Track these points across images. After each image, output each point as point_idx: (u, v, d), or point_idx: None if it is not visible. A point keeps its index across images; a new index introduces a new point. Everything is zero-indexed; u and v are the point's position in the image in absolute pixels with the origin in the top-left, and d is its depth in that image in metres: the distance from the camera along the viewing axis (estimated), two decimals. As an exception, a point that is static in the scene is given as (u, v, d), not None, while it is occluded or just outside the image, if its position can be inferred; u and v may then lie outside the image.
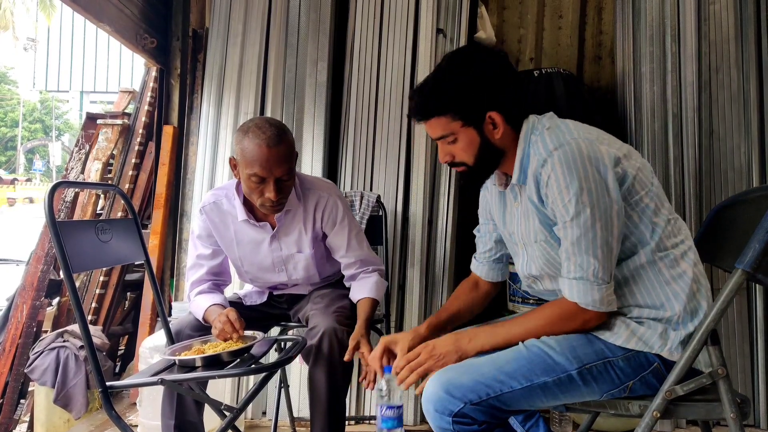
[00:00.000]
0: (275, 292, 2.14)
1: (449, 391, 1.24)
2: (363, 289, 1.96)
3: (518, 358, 1.28)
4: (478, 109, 1.34)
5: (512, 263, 1.66)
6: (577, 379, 1.27)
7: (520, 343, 1.34)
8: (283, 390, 2.39)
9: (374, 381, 1.62)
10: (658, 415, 1.26)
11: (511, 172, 1.41)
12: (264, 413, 2.73)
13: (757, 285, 2.51)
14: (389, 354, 1.48)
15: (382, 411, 1.42)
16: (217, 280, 2.04)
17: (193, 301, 1.95)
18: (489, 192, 1.60)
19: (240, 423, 2.55)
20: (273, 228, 1.96)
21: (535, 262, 1.42)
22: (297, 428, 2.53)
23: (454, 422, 1.23)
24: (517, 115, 1.38)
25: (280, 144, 1.73)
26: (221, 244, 2.01)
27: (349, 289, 2.06)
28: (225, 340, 1.72)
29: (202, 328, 1.88)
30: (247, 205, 1.94)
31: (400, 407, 1.43)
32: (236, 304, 2.05)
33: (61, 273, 2.96)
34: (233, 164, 1.84)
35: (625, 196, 1.28)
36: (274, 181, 1.75)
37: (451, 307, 1.64)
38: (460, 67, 1.35)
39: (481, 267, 1.68)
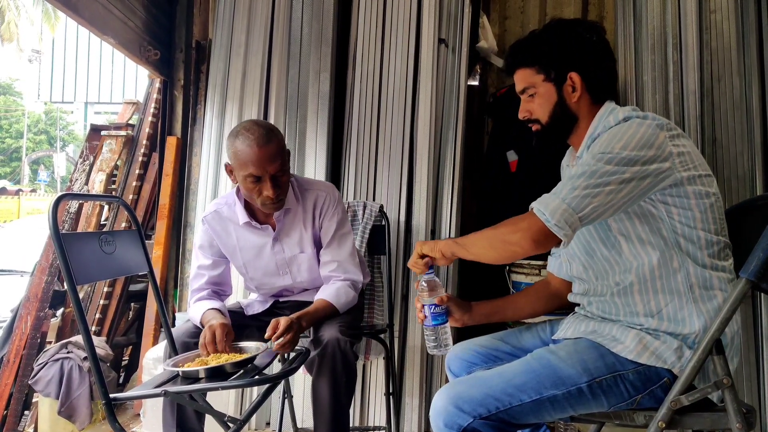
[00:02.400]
0: (281, 299, 2.14)
1: (458, 406, 1.23)
2: (324, 291, 1.95)
3: (527, 371, 1.27)
4: (561, 67, 1.40)
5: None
6: (586, 392, 1.26)
7: (529, 355, 1.33)
8: (286, 400, 2.39)
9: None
10: (664, 425, 1.25)
11: (578, 145, 1.44)
12: (268, 424, 2.73)
13: (761, 293, 2.49)
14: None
15: (432, 310, 1.44)
16: (217, 289, 2.05)
17: (191, 308, 1.98)
18: (563, 177, 1.59)
19: (244, 434, 2.54)
20: (274, 230, 1.98)
21: (575, 239, 1.42)
22: (301, 439, 2.52)
23: None
24: (599, 87, 1.42)
25: (270, 142, 1.79)
26: (225, 252, 2.03)
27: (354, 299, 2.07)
28: (204, 355, 1.72)
29: (198, 335, 1.88)
30: (248, 209, 1.97)
31: (444, 306, 1.45)
32: (237, 313, 2.05)
33: (65, 284, 2.97)
34: (229, 170, 1.88)
35: (671, 193, 1.28)
36: (269, 178, 1.80)
37: (512, 296, 1.68)
38: (557, 27, 1.43)
39: (552, 261, 1.64)
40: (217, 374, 1.59)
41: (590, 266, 1.42)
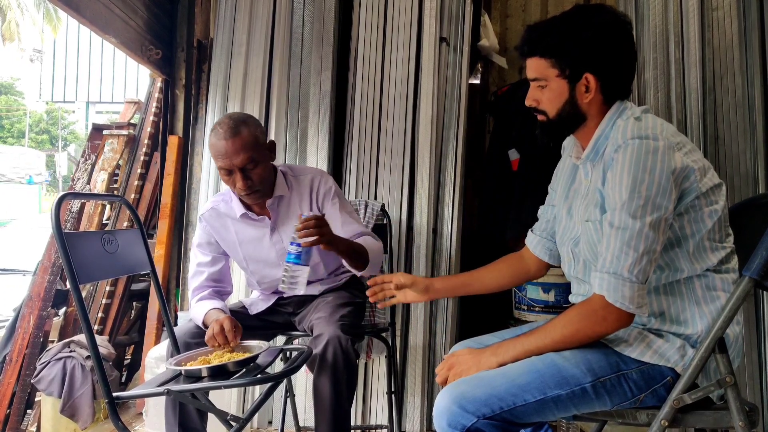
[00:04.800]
0: (284, 296, 2.14)
1: (462, 406, 1.22)
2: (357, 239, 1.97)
3: (530, 371, 1.26)
4: (578, 66, 1.33)
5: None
6: (590, 392, 1.25)
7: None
8: (288, 399, 2.39)
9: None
10: (666, 423, 1.24)
11: (585, 143, 1.41)
12: (270, 422, 2.73)
13: (764, 292, 2.49)
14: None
15: (290, 246, 1.66)
16: (218, 286, 2.06)
17: (193, 308, 1.99)
18: (563, 163, 1.58)
19: (246, 433, 2.55)
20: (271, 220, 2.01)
21: (580, 241, 1.41)
22: (303, 438, 2.52)
23: None
24: (614, 90, 1.36)
25: (236, 135, 1.81)
26: (225, 248, 2.04)
27: (353, 293, 2.07)
28: (213, 347, 1.75)
29: (200, 335, 1.89)
30: (244, 201, 2.00)
31: (308, 250, 1.66)
32: (240, 313, 2.06)
33: (67, 283, 2.97)
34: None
35: (687, 208, 1.27)
36: (238, 170, 1.83)
37: (478, 270, 1.64)
38: (580, 19, 1.34)
39: (532, 237, 1.64)
40: (219, 373, 1.60)
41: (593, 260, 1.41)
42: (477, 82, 3.56)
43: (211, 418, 1.82)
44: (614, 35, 1.34)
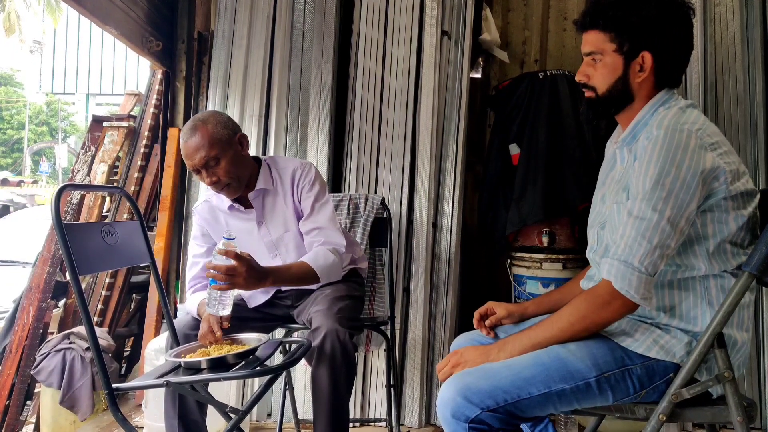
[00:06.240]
0: (282, 289, 2.14)
1: (467, 397, 1.22)
2: (306, 256, 1.95)
3: (536, 364, 1.25)
4: (638, 43, 1.33)
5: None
6: (594, 387, 1.25)
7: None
8: (287, 392, 2.40)
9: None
10: (664, 418, 1.25)
11: (626, 126, 1.40)
12: (269, 415, 2.74)
13: (764, 288, 2.49)
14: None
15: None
16: None
17: (189, 299, 2.01)
18: (606, 153, 1.56)
19: (245, 425, 2.55)
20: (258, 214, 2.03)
21: (606, 224, 1.40)
22: (302, 430, 2.53)
23: (470, 428, 1.21)
24: (667, 74, 1.36)
25: (193, 136, 1.85)
26: (217, 240, 2.05)
27: (352, 286, 2.08)
28: (204, 344, 1.75)
29: (199, 327, 1.89)
30: None
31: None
32: (239, 305, 2.06)
33: (67, 275, 2.97)
34: None
35: (711, 207, 1.26)
36: (202, 168, 1.86)
37: (568, 284, 1.63)
38: None
39: None
40: (219, 365, 1.60)
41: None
42: (478, 76, 3.55)
43: (211, 410, 1.83)
44: (678, 18, 1.34)
